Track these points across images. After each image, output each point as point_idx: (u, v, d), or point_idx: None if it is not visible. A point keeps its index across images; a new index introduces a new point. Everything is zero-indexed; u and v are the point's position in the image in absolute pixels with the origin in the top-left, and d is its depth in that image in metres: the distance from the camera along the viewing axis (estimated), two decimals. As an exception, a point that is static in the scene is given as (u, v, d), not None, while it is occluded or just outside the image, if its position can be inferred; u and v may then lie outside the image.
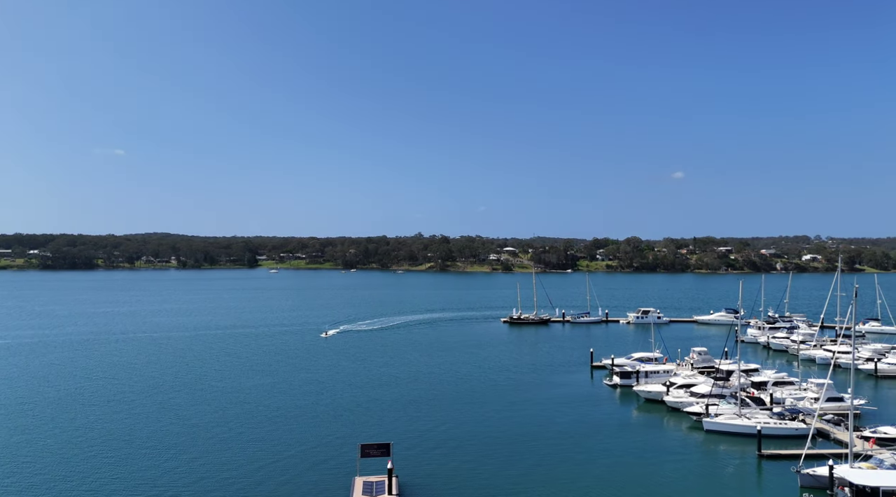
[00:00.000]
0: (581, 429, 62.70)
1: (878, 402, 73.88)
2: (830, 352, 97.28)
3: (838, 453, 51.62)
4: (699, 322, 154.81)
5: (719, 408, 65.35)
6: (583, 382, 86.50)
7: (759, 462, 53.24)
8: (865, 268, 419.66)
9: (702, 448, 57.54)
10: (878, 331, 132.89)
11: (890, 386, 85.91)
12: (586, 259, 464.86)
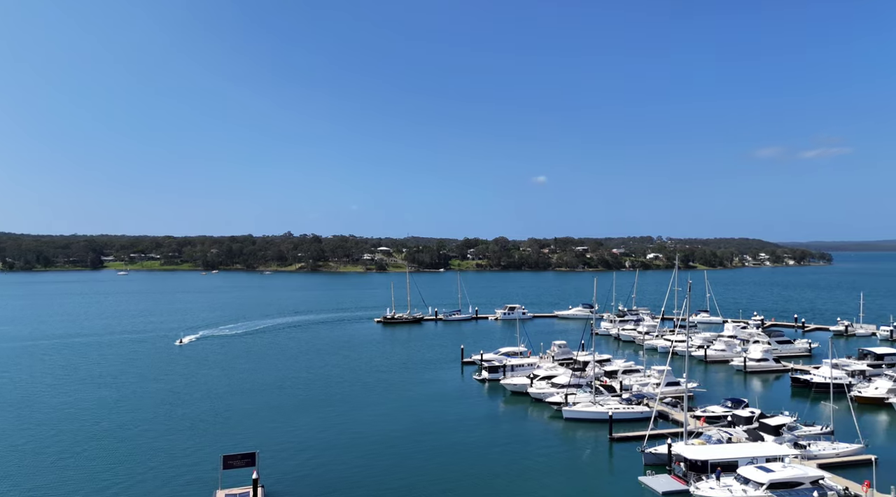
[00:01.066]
0: (450, 424, 64.13)
1: (708, 385, 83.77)
2: (669, 341, 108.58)
3: (676, 432, 57.75)
4: (559, 317, 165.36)
5: (577, 397, 70.21)
6: (453, 379, 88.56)
7: (611, 445, 57.91)
8: (697, 265, 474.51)
9: (561, 435, 61.40)
10: (707, 321, 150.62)
11: (716, 369, 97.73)
12: (458, 258, 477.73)
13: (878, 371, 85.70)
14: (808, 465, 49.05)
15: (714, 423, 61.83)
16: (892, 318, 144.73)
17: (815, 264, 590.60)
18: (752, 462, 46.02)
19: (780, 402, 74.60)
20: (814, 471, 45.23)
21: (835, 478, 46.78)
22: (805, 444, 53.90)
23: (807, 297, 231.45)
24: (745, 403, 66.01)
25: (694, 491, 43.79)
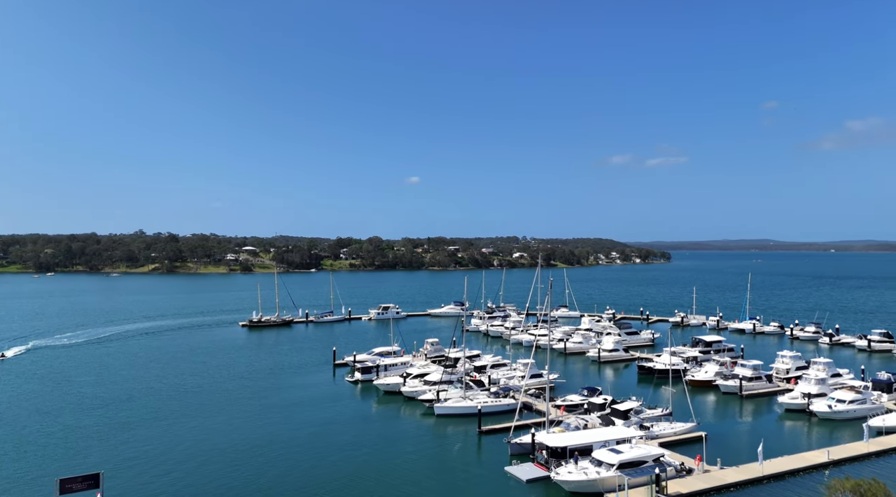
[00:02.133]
0: (320, 428, 62.61)
1: (567, 375, 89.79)
2: (533, 335, 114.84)
3: (539, 422, 61.14)
4: (432, 315, 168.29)
5: (448, 393, 71.83)
6: (325, 382, 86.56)
7: (480, 438, 59.98)
8: (558, 263, 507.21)
9: (433, 431, 62.45)
10: (566, 316, 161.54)
11: (575, 361, 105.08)
12: (331, 258, 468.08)
13: (707, 357, 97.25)
14: (651, 444, 54.33)
15: (572, 411, 66.37)
16: (717, 309, 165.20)
17: (658, 262, 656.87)
18: (605, 445, 50.04)
19: (628, 388, 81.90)
20: (656, 449, 50.18)
21: (673, 454, 52.30)
22: (649, 426, 59.68)
23: (650, 292, 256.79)
24: (599, 391, 71.58)
25: (554, 476, 46.65)
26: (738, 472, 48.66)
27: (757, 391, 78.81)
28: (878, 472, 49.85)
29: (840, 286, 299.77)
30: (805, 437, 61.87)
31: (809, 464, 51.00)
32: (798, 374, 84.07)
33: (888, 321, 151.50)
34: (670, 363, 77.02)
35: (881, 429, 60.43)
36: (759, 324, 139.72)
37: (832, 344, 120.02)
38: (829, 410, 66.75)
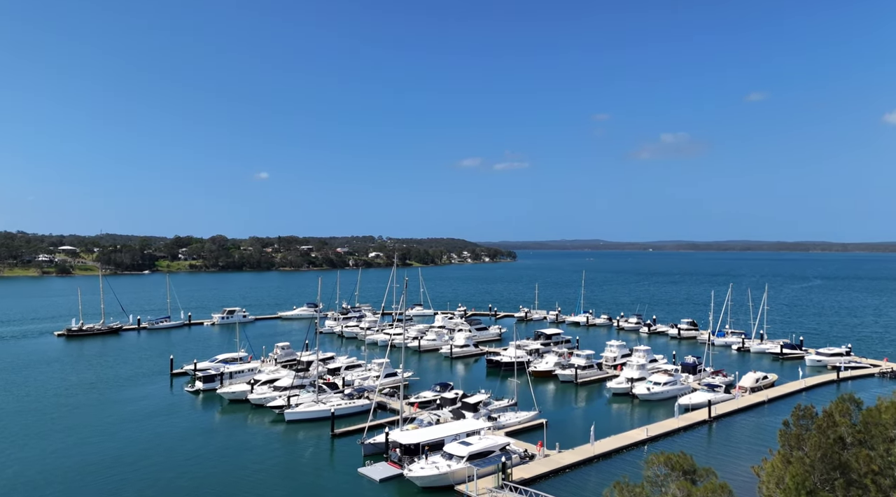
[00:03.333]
0: (154, 444, 57.21)
1: (422, 372, 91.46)
2: (388, 334, 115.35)
3: (393, 420, 61.50)
4: (283, 318, 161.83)
5: (300, 398, 69.49)
6: (160, 393, 79.24)
7: (333, 441, 58.84)
8: (413, 263, 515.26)
9: (283, 438, 60.01)
10: (421, 314, 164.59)
11: (429, 357, 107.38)
12: (167, 259, 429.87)
13: (548, 349, 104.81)
14: (498, 434, 57.24)
15: (426, 407, 67.73)
16: (557, 304, 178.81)
17: (505, 261, 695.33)
18: (456, 438, 51.72)
19: (478, 381, 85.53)
20: (502, 439, 52.95)
21: (518, 442, 55.57)
22: (496, 417, 62.84)
23: (498, 289, 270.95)
24: (450, 386, 73.85)
25: (407, 473, 47.21)
26: (573, 454, 53.02)
27: (590, 378, 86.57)
28: (686, 443, 57.32)
29: (656, 281, 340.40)
30: (629, 417, 69.19)
31: (632, 441, 57.11)
32: (623, 361, 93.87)
33: (694, 311, 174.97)
34: (515, 356, 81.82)
35: (688, 406, 69.54)
36: (591, 317, 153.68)
37: (650, 333, 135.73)
38: (648, 392, 75.34)
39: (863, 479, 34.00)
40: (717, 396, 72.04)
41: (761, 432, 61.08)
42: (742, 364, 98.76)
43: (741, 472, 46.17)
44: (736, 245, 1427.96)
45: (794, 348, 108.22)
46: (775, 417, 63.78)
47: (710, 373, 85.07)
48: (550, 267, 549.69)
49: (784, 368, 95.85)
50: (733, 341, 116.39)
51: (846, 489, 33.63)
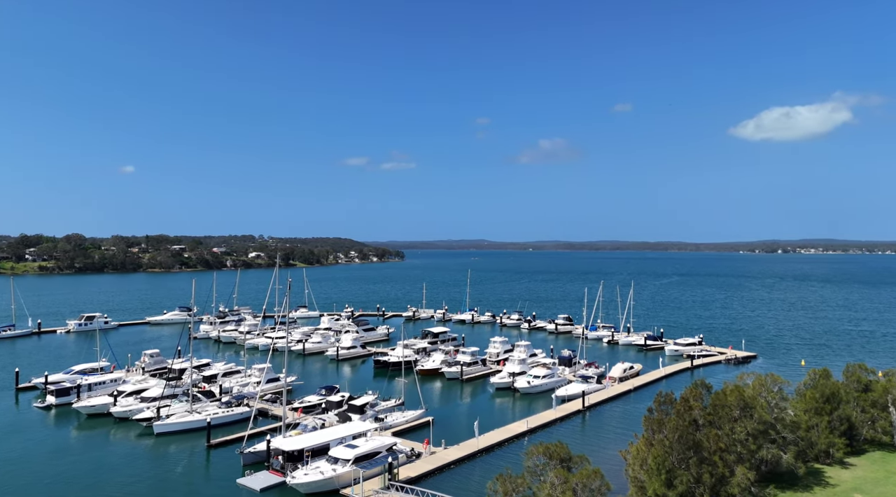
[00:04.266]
0: (2, 468, 50.53)
1: (306, 376, 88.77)
2: (270, 338, 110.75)
3: (275, 427, 59.11)
4: (152, 323, 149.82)
5: (171, 408, 64.65)
6: (4, 411, 70.09)
7: (209, 452, 55.37)
8: (298, 263, 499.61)
9: (151, 453, 55.51)
10: (306, 316, 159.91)
11: (314, 360, 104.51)
12: (11, 260, 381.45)
13: (435, 347, 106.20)
14: (385, 434, 57.01)
15: (310, 411, 65.84)
16: (444, 303, 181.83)
17: (393, 261, 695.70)
18: (342, 442, 50.77)
19: (365, 383, 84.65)
20: (389, 439, 52.81)
21: (405, 441, 55.69)
22: (383, 417, 62.57)
23: (386, 289, 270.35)
24: (336, 389, 72.41)
25: (290, 480, 45.58)
26: (458, 450, 54.11)
27: (475, 374, 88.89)
28: (563, 433, 60.65)
29: (536, 279, 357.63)
30: (510, 410, 71.93)
31: (513, 434, 59.40)
32: (506, 356, 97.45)
33: (569, 307, 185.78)
34: (403, 356, 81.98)
35: (564, 397, 73.63)
36: (476, 314, 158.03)
37: (531, 328, 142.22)
38: (528, 386, 78.80)
39: (712, 455, 37.93)
40: (590, 387, 77.00)
41: (628, 418, 66.15)
42: (612, 355, 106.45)
43: (611, 456, 49.66)
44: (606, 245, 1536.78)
45: (655, 340, 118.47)
46: (640, 404, 69.38)
47: (584, 365, 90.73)
48: (438, 266, 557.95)
49: (647, 358, 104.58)
50: (604, 334, 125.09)
51: (699, 466, 37.32)
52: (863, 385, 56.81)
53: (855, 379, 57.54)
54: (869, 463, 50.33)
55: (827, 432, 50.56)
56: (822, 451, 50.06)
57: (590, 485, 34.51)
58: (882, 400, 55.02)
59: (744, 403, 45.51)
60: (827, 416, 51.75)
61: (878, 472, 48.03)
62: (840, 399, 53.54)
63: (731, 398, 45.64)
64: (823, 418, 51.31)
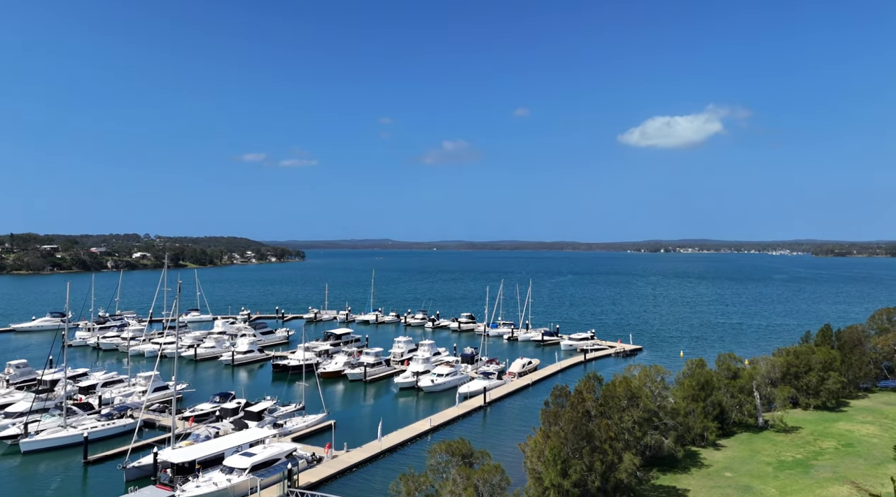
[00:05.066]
0: None
1: (199, 384, 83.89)
2: (158, 344, 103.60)
3: (163, 438, 55.35)
4: (18, 330, 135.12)
5: (42, 424, 58.64)
6: None
7: (86, 469, 50.84)
8: (188, 264, 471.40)
9: (18, 473, 50.06)
10: (198, 320, 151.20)
11: (207, 367, 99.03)
12: None
13: (337, 349, 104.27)
14: (284, 441, 55.14)
15: (203, 420, 62.33)
16: (347, 303, 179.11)
17: (293, 261, 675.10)
18: (238, 450, 48.48)
19: (263, 388, 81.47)
20: (289, 445, 51.13)
21: (306, 446, 54.18)
22: (283, 423, 60.50)
23: (285, 291, 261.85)
24: (232, 396, 69.08)
25: (180, 494, 42.86)
26: (361, 452, 53.46)
27: (379, 375, 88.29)
28: (465, 430, 61.72)
29: (439, 279, 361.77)
30: (414, 410, 72.17)
31: (417, 433, 59.63)
32: (410, 356, 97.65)
33: (472, 305, 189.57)
34: (304, 359, 79.78)
35: (467, 394, 75.00)
36: (380, 314, 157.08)
37: (435, 327, 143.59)
38: (432, 384, 79.46)
39: (603, 444, 40.16)
40: (491, 383, 78.98)
41: (527, 412, 68.57)
42: (512, 352, 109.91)
43: (511, 450, 51.20)
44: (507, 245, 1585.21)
45: (552, 335, 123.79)
46: (538, 398, 72.14)
47: (485, 361, 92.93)
48: (341, 266, 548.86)
49: (545, 353, 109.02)
50: (505, 331, 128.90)
51: (591, 455, 39.37)
52: (732, 372, 62.63)
53: (725, 367, 63.33)
54: (737, 443, 55.58)
55: (702, 417, 55.21)
56: (698, 435, 54.61)
57: (490, 480, 35.33)
58: (748, 386, 60.97)
59: (631, 393, 48.64)
60: (702, 402, 56.50)
61: (744, 452, 53.16)
62: (713, 386, 58.66)
63: (620, 389, 48.62)
64: (699, 404, 55.98)
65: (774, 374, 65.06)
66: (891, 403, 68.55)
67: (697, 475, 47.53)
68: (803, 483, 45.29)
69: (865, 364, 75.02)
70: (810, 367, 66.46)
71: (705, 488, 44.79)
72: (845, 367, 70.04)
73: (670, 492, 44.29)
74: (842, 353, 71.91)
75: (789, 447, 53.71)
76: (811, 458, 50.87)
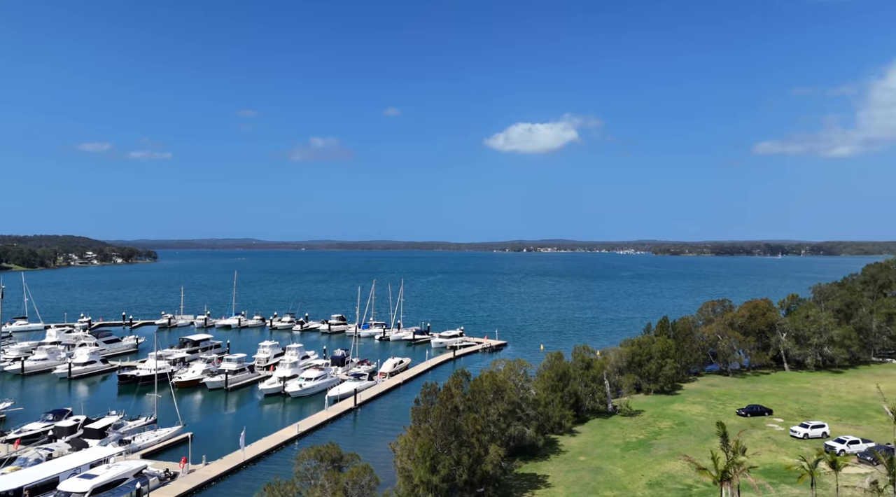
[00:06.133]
0: None
1: (27, 401, 73.78)
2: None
3: (-21, 467, 47.96)
4: None
5: None
6: None
7: None
8: (14, 266, 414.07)
9: None
10: (26, 329, 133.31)
11: (38, 381, 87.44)
12: None
13: (195, 356, 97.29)
14: (133, 458, 50.34)
15: (33, 442, 55.04)
16: (206, 307, 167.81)
17: (143, 262, 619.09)
18: (76, 472, 43.36)
19: (108, 402, 73.73)
20: (137, 463, 46.73)
21: (158, 463, 49.87)
22: (130, 439, 55.16)
23: (134, 295, 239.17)
24: (69, 412, 61.77)
25: (3, 530, 37.46)
26: (222, 464, 50.33)
27: (241, 382, 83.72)
28: (335, 433, 60.54)
29: (308, 280, 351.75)
30: (280, 416, 69.41)
31: (283, 440, 57.42)
32: (276, 360, 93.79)
33: (342, 306, 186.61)
34: (156, 368, 73.39)
35: (337, 397, 73.61)
36: (244, 318, 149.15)
37: (303, 330, 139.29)
38: (300, 389, 76.96)
39: (471, 438, 41.46)
40: (362, 384, 78.26)
41: (398, 411, 68.86)
42: (383, 351, 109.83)
43: (382, 450, 51.10)
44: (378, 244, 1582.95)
45: (423, 334, 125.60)
46: (409, 397, 72.73)
47: (356, 363, 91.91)
48: (199, 268, 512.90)
49: (416, 352, 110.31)
50: (376, 332, 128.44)
51: (459, 449, 40.47)
52: (586, 363, 67.74)
53: (580, 359, 68.35)
54: (590, 429, 60.23)
55: (560, 406, 59.09)
56: (557, 423, 58.37)
57: (360, 481, 34.96)
58: (599, 375, 66.33)
59: (497, 387, 50.75)
60: (560, 392, 60.48)
61: (596, 436, 57.75)
62: (570, 377, 63.03)
63: (487, 383, 50.53)
64: (558, 394, 59.85)
65: (622, 363, 71.46)
66: (715, 385, 78.24)
67: (556, 461, 50.76)
68: (645, 461, 50.17)
69: (695, 351, 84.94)
70: (651, 356, 73.87)
71: (562, 473, 47.97)
72: (679, 355, 78.77)
73: (531, 479, 46.85)
74: (676, 342, 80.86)
75: (634, 429, 59.23)
76: (651, 437, 56.51)
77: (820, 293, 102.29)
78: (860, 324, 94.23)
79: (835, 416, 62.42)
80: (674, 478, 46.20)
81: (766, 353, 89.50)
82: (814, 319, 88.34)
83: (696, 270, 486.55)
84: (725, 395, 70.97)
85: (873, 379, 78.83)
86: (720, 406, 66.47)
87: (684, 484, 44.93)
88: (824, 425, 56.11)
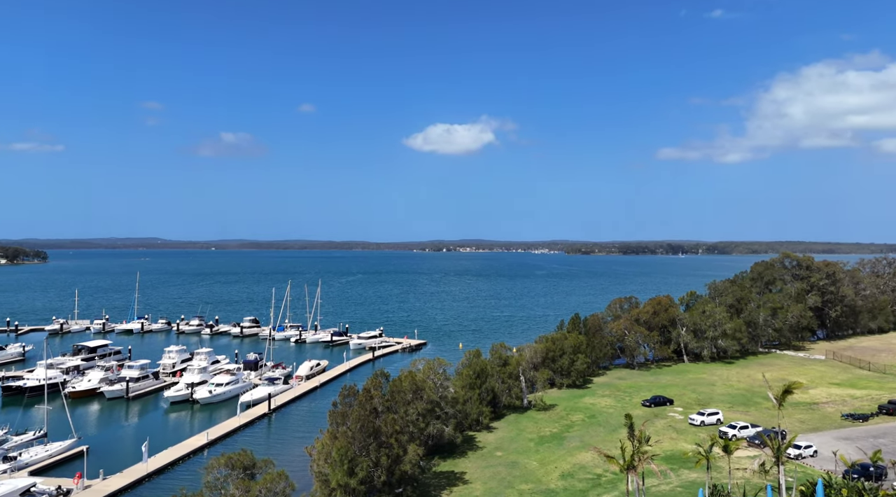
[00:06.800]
0: None
1: None
2: None
3: None
4: None
5: None
6: None
7: None
8: None
9: None
10: None
11: None
12: None
13: (91, 364, 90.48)
14: (19, 475, 46.10)
15: None
16: (104, 311, 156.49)
17: (31, 263, 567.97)
18: (-51, 498, 39.12)
19: (-12, 417, 67.00)
20: (24, 480, 42.87)
21: (48, 480, 45.96)
22: (16, 455, 50.48)
23: (20, 299, 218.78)
24: (-60, 431, 55.52)
25: None
26: (122, 478, 47.19)
27: (144, 390, 78.76)
28: (248, 440, 58.28)
29: (219, 281, 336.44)
30: (188, 424, 65.95)
31: (191, 449, 54.61)
32: (183, 366, 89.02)
33: (256, 309, 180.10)
34: (46, 377, 67.52)
35: (250, 402, 70.89)
36: (147, 322, 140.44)
37: (213, 334, 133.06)
38: (210, 395, 73.46)
39: (389, 438, 41.26)
40: (276, 389, 75.84)
41: (315, 415, 67.34)
42: (300, 354, 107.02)
43: (298, 455, 49.79)
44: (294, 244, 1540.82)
45: (341, 335, 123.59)
46: (327, 400, 71.29)
47: (270, 367, 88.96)
48: (96, 269, 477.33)
49: (334, 354, 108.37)
50: (292, 334, 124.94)
51: (378, 450, 40.16)
52: (503, 360, 69.29)
53: (497, 356, 69.82)
54: (507, 424, 61.66)
55: (478, 403, 60.08)
56: (475, 420, 59.29)
57: (274, 488, 33.88)
58: (515, 371, 68.04)
59: (416, 387, 50.82)
60: (478, 389, 61.49)
61: (512, 431, 59.21)
62: (487, 374, 64.24)
63: (406, 383, 50.48)
64: (475, 392, 60.81)
65: (536, 359, 73.70)
66: (622, 378, 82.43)
67: (473, 457, 51.55)
68: (559, 453, 52.03)
69: (604, 346, 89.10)
70: (563, 352, 76.70)
71: (480, 468, 48.80)
72: (590, 350, 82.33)
73: (450, 476, 47.31)
74: (587, 338, 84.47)
75: (548, 423, 61.27)
76: (564, 430, 58.69)
77: (714, 290, 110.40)
78: (749, 317, 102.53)
79: (728, 403, 67.54)
80: (585, 468, 48.22)
81: (668, 346, 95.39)
82: (709, 314, 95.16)
83: (605, 269, 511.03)
84: (632, 388, 74.95)
85: (760, 368, 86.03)
86: (627, 398, 70.11)
87: (594, 474, 47.00)
88: (718, 413, 60.58)
